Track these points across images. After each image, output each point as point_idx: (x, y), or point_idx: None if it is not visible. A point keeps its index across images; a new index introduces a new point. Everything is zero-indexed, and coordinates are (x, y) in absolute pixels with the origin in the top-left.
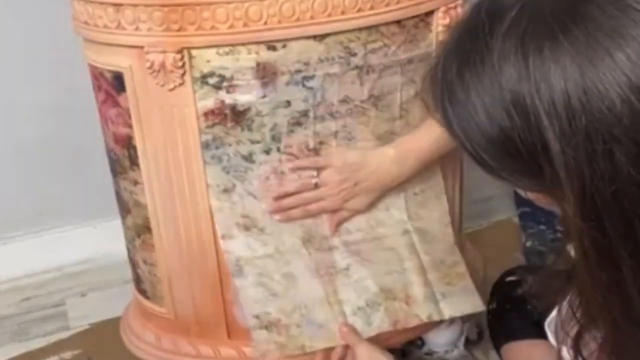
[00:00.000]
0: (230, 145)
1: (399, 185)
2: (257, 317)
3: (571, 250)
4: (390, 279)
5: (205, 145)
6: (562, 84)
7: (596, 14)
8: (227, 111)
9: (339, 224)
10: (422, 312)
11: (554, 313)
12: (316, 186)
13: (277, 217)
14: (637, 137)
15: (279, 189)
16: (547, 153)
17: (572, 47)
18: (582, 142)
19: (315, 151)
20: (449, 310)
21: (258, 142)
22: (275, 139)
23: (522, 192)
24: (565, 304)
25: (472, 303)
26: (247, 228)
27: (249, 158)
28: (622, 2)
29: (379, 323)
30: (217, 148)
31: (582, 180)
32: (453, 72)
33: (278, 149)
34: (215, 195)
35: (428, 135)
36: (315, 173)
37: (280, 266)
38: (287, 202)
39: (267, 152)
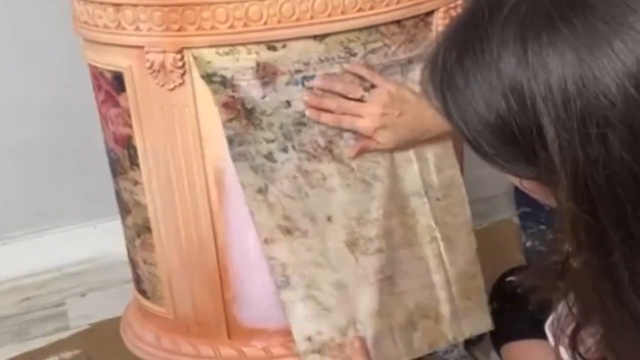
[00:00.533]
0: (250, 143)
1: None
2: (308, 339)
3: (564, 243)
4: (423, 295)
5: (230, 142)
6: (559, 69)
7: (595, 1)
8: (239, 107)
9: (361, 151)
10: (449, 333)
11: (553, 315)
12: (361, 99)
13: (308, 111)
14: (630, 121)
15: (327, 82)
16: (542, 138)
17: (570, 34)
18: (576, 127)
19: (328, 149)
20: (468, 330)
21: (273, 140)
22: (287, 137)
23: (517, 182)
24: (562, 303)
25: (484, 322)
26: (289, 231)
27: (270, 157)
28: None
29: (419, 344)
30: (240, 145)
31: (576, 165)
32: (452, 58)
33: (294, 147)
34: (251, 195)
35: None
36: (367, 85)
37: (329, 274)
38: (327, 103)
39: (285, 150)
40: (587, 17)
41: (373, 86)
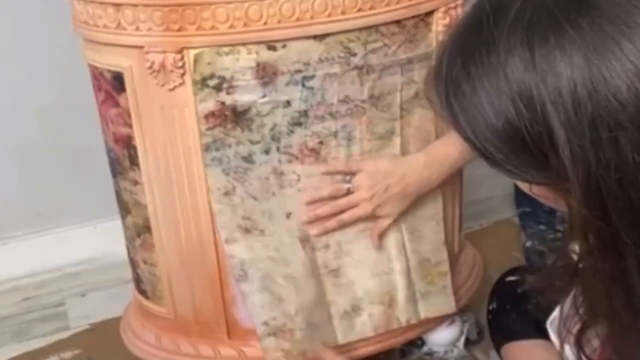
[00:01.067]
0: (230, 146)
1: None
2: (265, 323)
3: (573, 246)
4: (376, 282)
5: (206, 148)
6: (568, 72)
7: (600, 2)
8: (228, 112)
9: (380, 234)
10: (402, 316)
11: (555, 312)
12: (348, 192)
13: (314, 230)
14: None
15: (313, 194)
16: (553, 142)
17: (577, 36)
18: (587, 130)
19: (315, 151)
20: (425, 311)
21: (258, 142)
22: (275, 138)
23: (526, 188)
24: (567, 301)
25: (446, 304)
26: (248, 230)
27: (248, 159)
28: None
29: (361, 328)
30: (217, 150)
31: (588, 169)
32: (458, 66)
33: (277, 149)
34: (217, 199)
35: (458, 142)
36: (347, 178)
37: (282, 268)
38: (322, 210)
39: (267, 152)
40: (594, 18)
41: (354, 173)
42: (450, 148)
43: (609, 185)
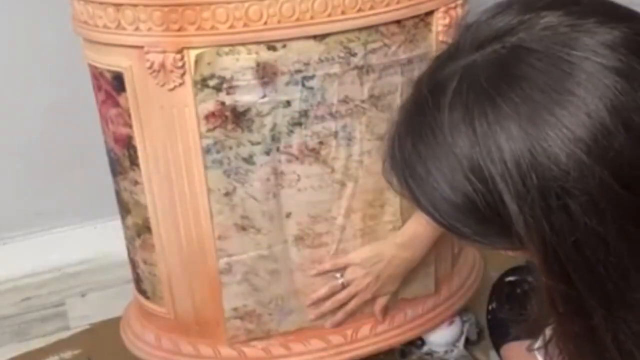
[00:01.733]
0: (230, 148)
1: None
2: (235, 309)
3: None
4: None
5: (207, 150)
6: (510, 145)
7: (528, 72)
8: (228, 113)
9: (382, 310)
10: (381, 301)
11: (540, 342)
12: (343, 286)
13: (327, 324)
14: (587, 187)
15: (311, 296)
16: (507, 213)
17: (511, 109)
18: (537, 200)
19: (315, 151)
20: (403, 294)
21: (258, 143)
22: (275, 139)
23: (502, 251)
24: (552, 336)
25: (426, 288)
26: (244, 228)
27: (249, 160)
28: (552, 56)
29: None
30: (217, 152)
31: (543, 236)
32: (409, 148)
33: (277, 149)
34: (216, 199)
35: None
36: (338, 275)
37: (268, 264)
38: (325, 307)
39: (267, 152)
40: (524, 89)
41: (344, 268)
42: (423, 223)
43: (566, 249)
